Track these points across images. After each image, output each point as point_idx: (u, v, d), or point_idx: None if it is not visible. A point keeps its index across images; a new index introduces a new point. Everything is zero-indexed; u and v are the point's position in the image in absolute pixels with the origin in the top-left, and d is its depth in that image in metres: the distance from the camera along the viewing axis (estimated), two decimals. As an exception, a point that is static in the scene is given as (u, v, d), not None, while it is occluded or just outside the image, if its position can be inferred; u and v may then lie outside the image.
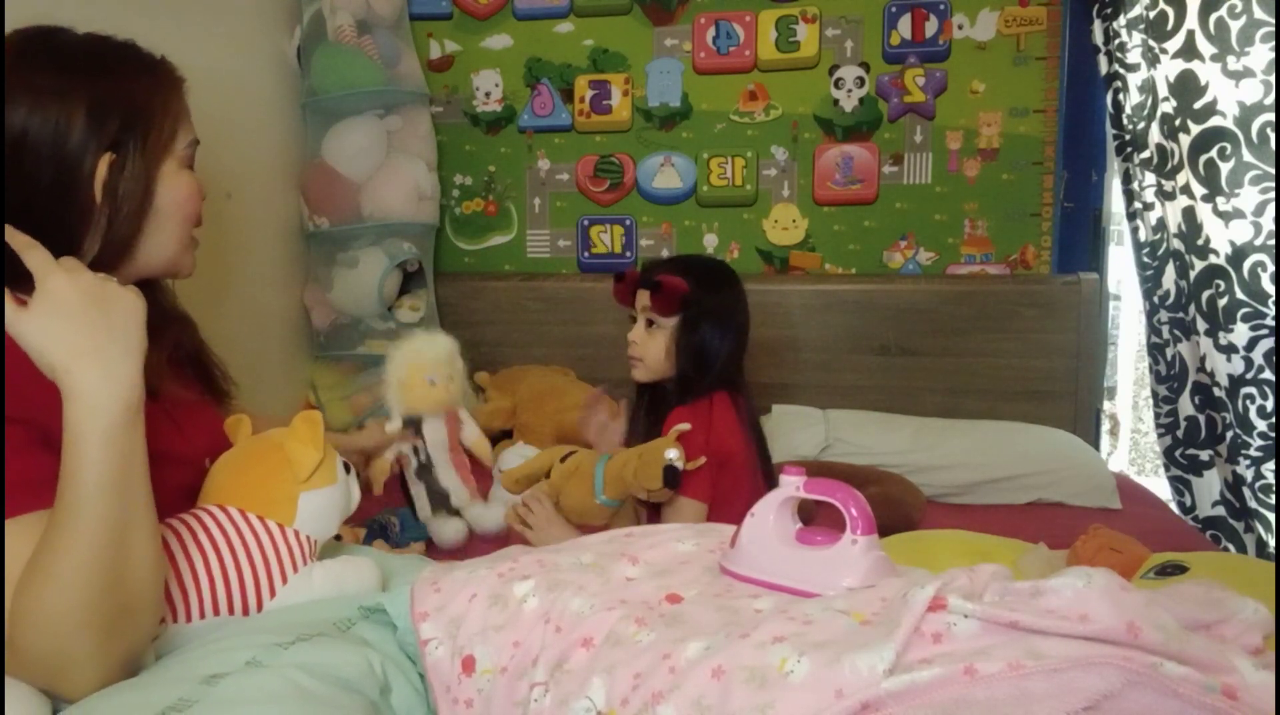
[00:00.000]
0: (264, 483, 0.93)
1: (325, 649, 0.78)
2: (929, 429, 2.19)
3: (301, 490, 0.93)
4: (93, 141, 0.84)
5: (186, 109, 0.94)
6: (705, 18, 2.49)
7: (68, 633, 0.70)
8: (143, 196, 0.88)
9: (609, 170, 2.59)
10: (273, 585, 0.89)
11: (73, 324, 0.72)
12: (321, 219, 2.38)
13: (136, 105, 0.88)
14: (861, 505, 0.81)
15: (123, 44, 0.92)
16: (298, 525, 0.92)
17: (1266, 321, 1.73)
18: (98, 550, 0.70)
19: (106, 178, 0.85)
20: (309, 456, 0.94)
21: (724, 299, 1.50)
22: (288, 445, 0.94)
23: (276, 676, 0.72)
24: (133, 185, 0.87)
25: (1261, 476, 1.79)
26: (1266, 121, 1.67)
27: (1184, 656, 0.59)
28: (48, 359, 0.72)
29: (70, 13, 0.92)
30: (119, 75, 0.88)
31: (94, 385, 0.71)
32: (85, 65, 0.87)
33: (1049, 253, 2.42)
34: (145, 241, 0.90)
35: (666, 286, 1.42)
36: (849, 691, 0.60)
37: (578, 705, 0.70)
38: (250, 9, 2.27)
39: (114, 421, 0.72)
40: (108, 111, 0.85)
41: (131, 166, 0.87)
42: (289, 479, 0.93)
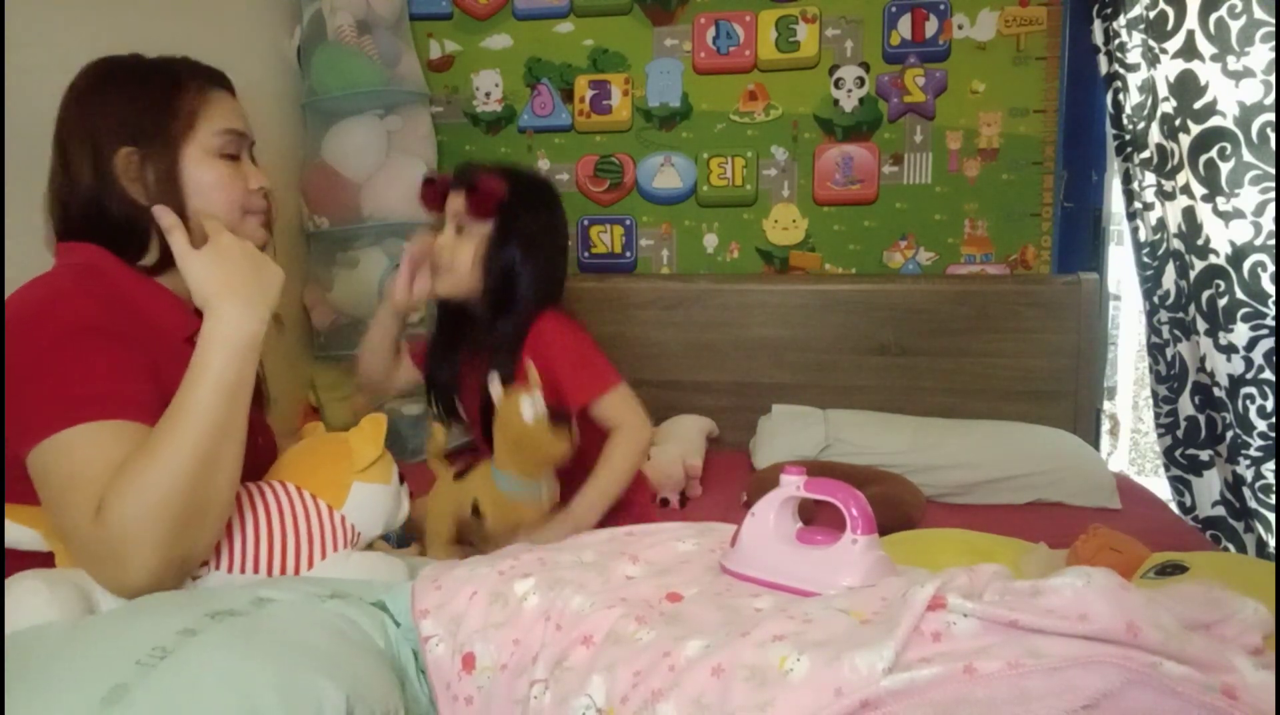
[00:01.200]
0: (324, 467, 1.02)
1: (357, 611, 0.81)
2: (929, 429, 2.19)
3: (356, 479, 1.01)
4: (115, 139, 0.96)
5: (222, 105, 1.03)
6: (705, 18, 2.49)
7: (148, 514, 0.81)
8: (168, 183, 0.97)
9: (609, 170, 2.59)
10: (311, 558, 0.96)
11: (229, 268, 0.94)
12: (321, 219, 2.38)
13: (151, 103, 0.98)
14: (861, 505, 0.81)
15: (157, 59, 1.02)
16: (346, 510, 1.00)
17: (1266, 321, 1.73)
18: (199, 444, 0.85)
19: (130, 169, 0.96)
20: (369, 450, 1.02)
21: (540, 218, 1.38)
22: (351, 438, 1.04)
23: (322, 613, 0.76)
24: (155, 174, 0.97)
25: (1261, 476, 1.79)
26: (1266, 121, 1.67)
27: (1184, 656, 0.59)
28: (205, 288, 0.93)
29: (71, 12, 0.92)
30: (140, 83, 1.00)
31: (233, 314, 0.92)
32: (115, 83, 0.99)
33: (1049, 253, 2.42)
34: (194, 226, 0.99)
35: (482, 187, 1.31)
36: (848, 690, 0.60)
37: (577, 703, 0.70)
38: (250, 9, 2.27)
39: (240, 344, 0.91)
40: (129, 114, 0.97)
41: (153, 156, 0.97)
42: (346, 467, 1.01)
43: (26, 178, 1.11)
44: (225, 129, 1.03)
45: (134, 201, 0.97)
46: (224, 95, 1.05)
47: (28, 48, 1.46)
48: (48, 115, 1.00)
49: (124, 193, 0.97)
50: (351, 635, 0.75)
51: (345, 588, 0.87)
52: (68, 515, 0.83)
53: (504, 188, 1.33)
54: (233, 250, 0.96)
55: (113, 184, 0.96)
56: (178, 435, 0.85)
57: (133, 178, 0.97)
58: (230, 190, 1.03)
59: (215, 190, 1.01)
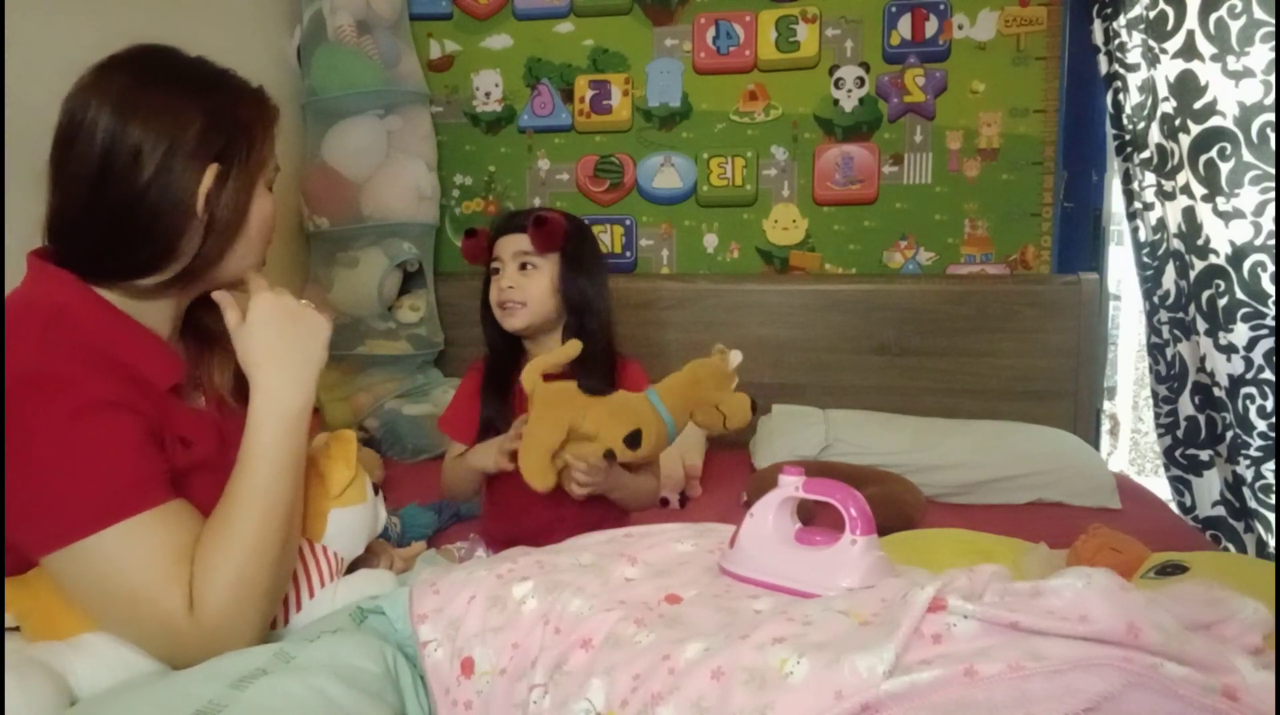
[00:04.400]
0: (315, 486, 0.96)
1: (349, 644, 0.79)
2: (929, 429, 2.19)
3: (332, 506, 0.96)
4: (202, 153, 0.90)
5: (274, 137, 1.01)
6: (705, 18, 2.49)
7: (247, 600, 0.81)
8: (241, 209, 0.94)
9: (609, 170, 2.59)
10: (299, 600, 0.92)
11: (270, 333, 0.92)
12: (321, 219, 2.38)
13: (242, 125, 0.94)
14: (861, 505, 0.81)
15: (227, 70, 0.99)
16: (326, 541, 0.95)
17: (1266, 321, 1.73)
18: (269, 523, 0.84)
19: (210, 188, 0.90)
20: (341, 474, 0.97)
21: (592, 244, 1.49)
22: (320, 462, 0.98)
23: (304, 685, 0.73)
24: (233, 199, 0.92)
25: (1261, 476, 1.79)
26: (1266, 121, 1.67)
27: (1184, 657, 0.59)
28: (249, 358, 0.91)
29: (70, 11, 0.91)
30: (230, 95, 0.95)
31: (280, 386, 0.90)
32: (199, 84, 0.93)
33: (1049, 253, 2.42)
34: (233, 254, 0.95)
35: (549, 220, 1.39)
36: (849, 693, 0.60)
37: (577, 707, 0.70)
38: (250, 9, 2.27)
39: (290, 417, 0.89)
40: (218, 128, 0.91)
41: (234, 181, 0.92)
42: (321, 495, 0.96)
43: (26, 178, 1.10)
44: (277, 164, 1.02)
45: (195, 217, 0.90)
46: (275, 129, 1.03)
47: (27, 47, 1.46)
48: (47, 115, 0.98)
49: (191, 206, 0.89)
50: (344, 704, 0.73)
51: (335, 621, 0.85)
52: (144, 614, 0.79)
53: (563, 218, 1.42)
54: (275, 311, 0.94)
55: (184, 193, 0.88)
56: (253, 518, 0.83)
57: (210, 196, 0.91)
58: (273, 224, 1.01)
59: (265, 225, 0.99)
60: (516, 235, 1.42)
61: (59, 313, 0.85)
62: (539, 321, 1.42)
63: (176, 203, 0.88)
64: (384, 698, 0.76)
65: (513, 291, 1.41)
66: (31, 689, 0.73)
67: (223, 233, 0.93)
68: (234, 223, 0.93)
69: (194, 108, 0.90)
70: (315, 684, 0.73)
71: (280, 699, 0.71)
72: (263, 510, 0.84)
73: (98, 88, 0.88)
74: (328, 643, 0.78)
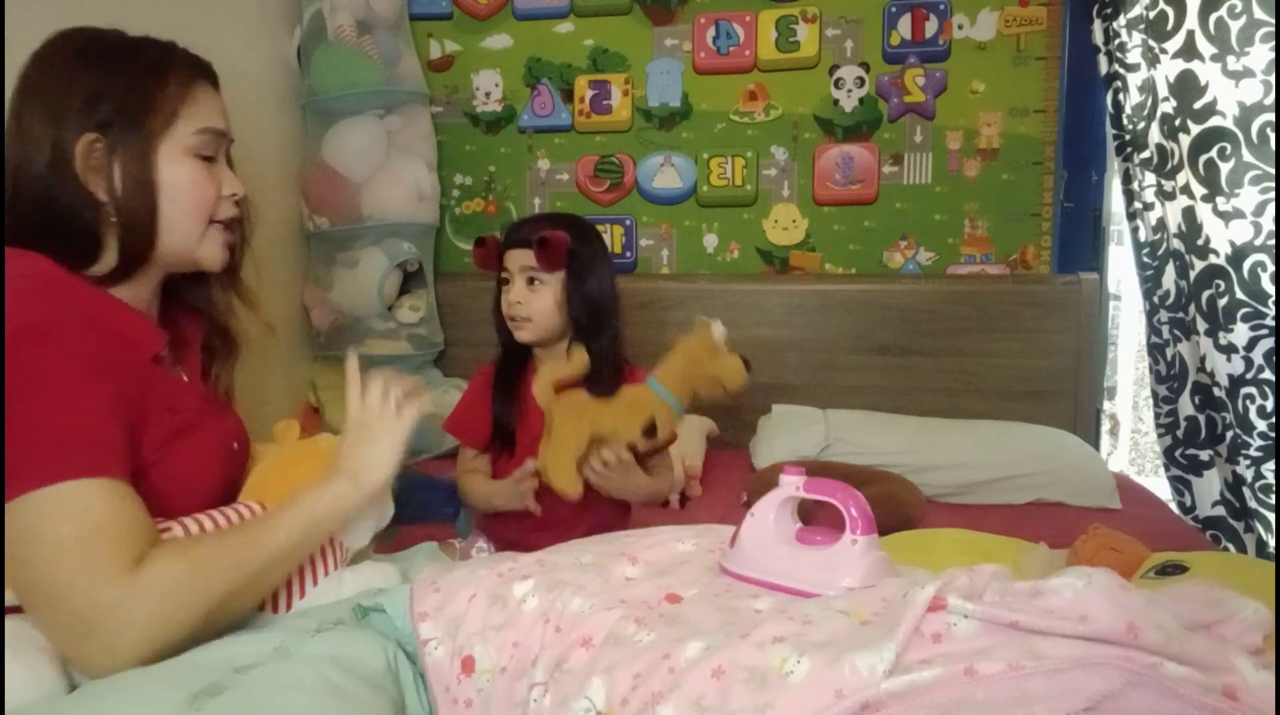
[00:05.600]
0: (301, 482, 0.95)
1: (350, 638, 0.80)
2: (929, 429, 2.19)
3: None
4: (81, 123, 0.85)
5: (206, 100, 0.94)
6: (705, 18, 2.49)
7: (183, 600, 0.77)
8: (140, 179, 0.88)
9: (609, 170, 2.59)
10: (303, 586, 0.91)
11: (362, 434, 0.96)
12: (321, 219, 2.38)
13: (130, 89, 0.88)
14: (861, 505, 0.81)
15: (141, 39, 0.93)
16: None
17: (1266, 321, 1.73)
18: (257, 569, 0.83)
19: (92, 159, 0.86)
20: None
21: (597, 247, 1.50)
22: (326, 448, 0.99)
23: (307, 669, 0.73)
24: (126, 167, 0.87)
25: (1261, 476, 1.79)
26: (1266, 121, 1.67)
27: (1184, 657, 0.59)
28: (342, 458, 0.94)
29: (69, 12, 0.91)
30: (120, 64, 0.89)
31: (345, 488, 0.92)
32: (94, 56, 0.89)
33: (1049, 253, 2.42)
34: (163, 229, 0.91)
35: (552, 241, 1.39)
36: (849, 692, 0.60)
37: (577, 705, 0.70)
38: (250, 9, 2.27)
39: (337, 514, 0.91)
40: (100, 97, 0.86)
41: (123, 148, 0.87)
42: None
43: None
44: (206, 127, 0.93)
45: (91, 196, 0.86)
46: (209, 89, 0.96)
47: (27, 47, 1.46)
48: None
49: (81, 185, 0.85)
50: (346, 688, 0.73)
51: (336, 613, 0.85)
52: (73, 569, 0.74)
53: (568, 238, 1.42)
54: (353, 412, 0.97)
55: (69, 173, 0.85)
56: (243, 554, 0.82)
57: (95, 169, 0.86)
58: (202, 195, 0.93)
59: (186, 194, 0.91)
60: (524, 250, 1.43)
61: (55, 279, 0.85)
62: (546, 335, 1.45)
63: (71, 187, 0.85)
64: (385, 689, 0.76)
65: (520, 307, 1.43)
66: (33, 670, 0.73)
67: (135, 205, 0.88)
68: (138, 194, 0.88)
69: (79, 81, 0.86)
70: (318, 669, 0.73)
71: (283, 680, 0.72)
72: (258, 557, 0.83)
73: (18, 83, 0.88)
74: (328, 637, 0.79)
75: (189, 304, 1.04)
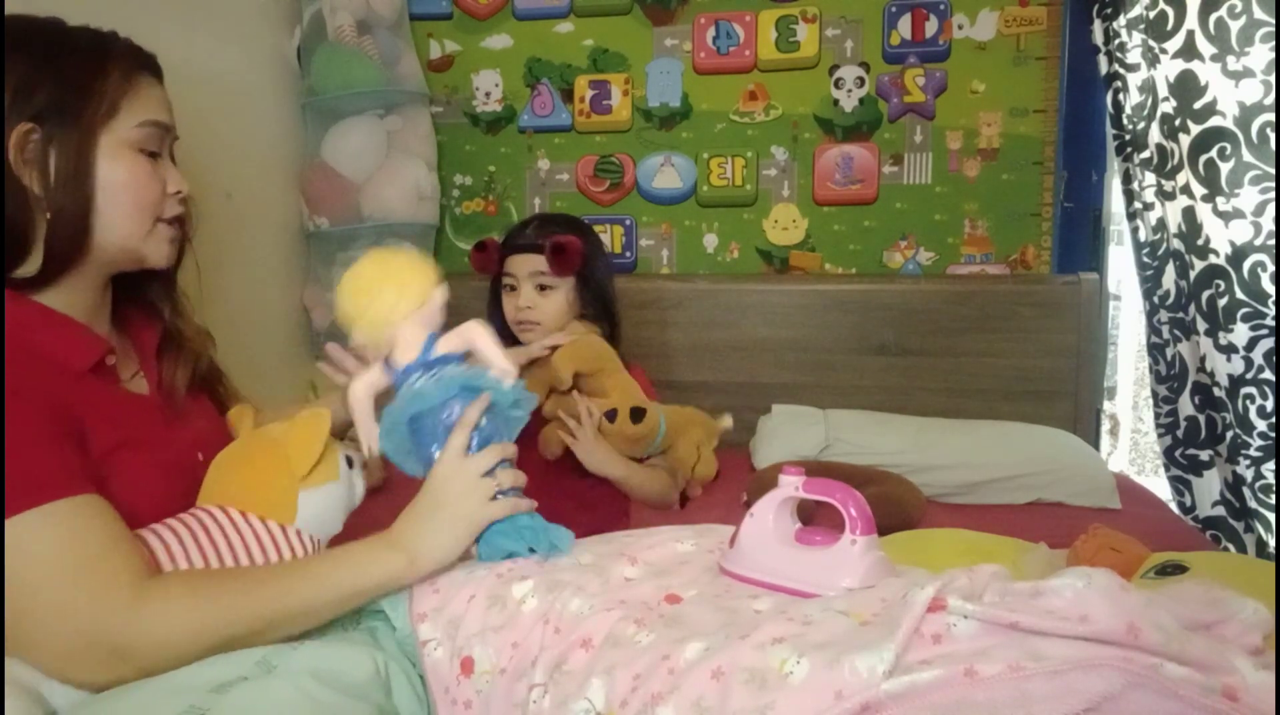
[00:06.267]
0: (261, 481, 0.91)
1: (334, 649, 0.78)
2: (929, 429, 2.19)
3: (301, 487, 0.91)
4: (14, 112, 0.81)
5: (149, 93, 0.90)
6: (705, 18, 2.49)
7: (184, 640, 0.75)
8: (76, 173, 0.83)
9: (609, 170, 2.59)
10: None
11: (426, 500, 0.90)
12: (321, 219, 2.38)
13: (67, 79, 0.84)
14: (861, 505, 0.81)
15: (80, 28, 0.89)
16: (299, 525, 0.90)
17: (1266, 321, 1.73)
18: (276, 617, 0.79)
19: (27, 150, 0.82)
20: (308, 453, 0.91)
21: (597, 245, 1.51)
22: (287, 441, 0.92)
23: (288, 685, 0.71)
24: (63, 159, 0.83)
25: (1261, 476, 1.79)
26: (1266, 121, 1.67)
27: (1184, 657, 0.59)
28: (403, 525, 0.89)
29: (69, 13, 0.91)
30: (58, 53, 0.85)
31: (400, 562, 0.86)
32: (24, 46, 0.84)
33: (1049, 253, 2.42)
34: (100, 227, 0.86)
35: (568, 247, 1.39)
36: (849, 693, 0.60)
37: (577, 706, 0.70)
38: (250, 9, 2.27)
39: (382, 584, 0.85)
40: (35, 86, 0.82)
41: (61, 140, 0.83)
42: (286, 477, 0.91)
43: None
44: (149, 120, 0.88)
45: (24, 190, 0.81)
46: (152, 82, 0.91)
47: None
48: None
49: (13, 178, 0.81)
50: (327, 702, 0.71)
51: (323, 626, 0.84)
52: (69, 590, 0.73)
53: (581, 242, 1.42)
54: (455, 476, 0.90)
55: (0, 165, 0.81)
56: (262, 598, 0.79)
57: (29, 161, 0.82)
58: (145, 192, 0.88)
59: (127, 190, 0.86)
60: (531, 256, 1.42)
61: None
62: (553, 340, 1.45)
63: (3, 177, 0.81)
64: (370, 699, 0.75)
65: (530, 312, 1.42)
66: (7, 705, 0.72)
67: (64, 203, 0.83)
68: (73, 189, 0.83)
69: (12, 68, 0.81)
70: (298, 685, 0.71)
71: (264, 701, 0.70)
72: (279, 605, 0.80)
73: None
74: (311, 649, 0.77)
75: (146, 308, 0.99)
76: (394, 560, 0.86)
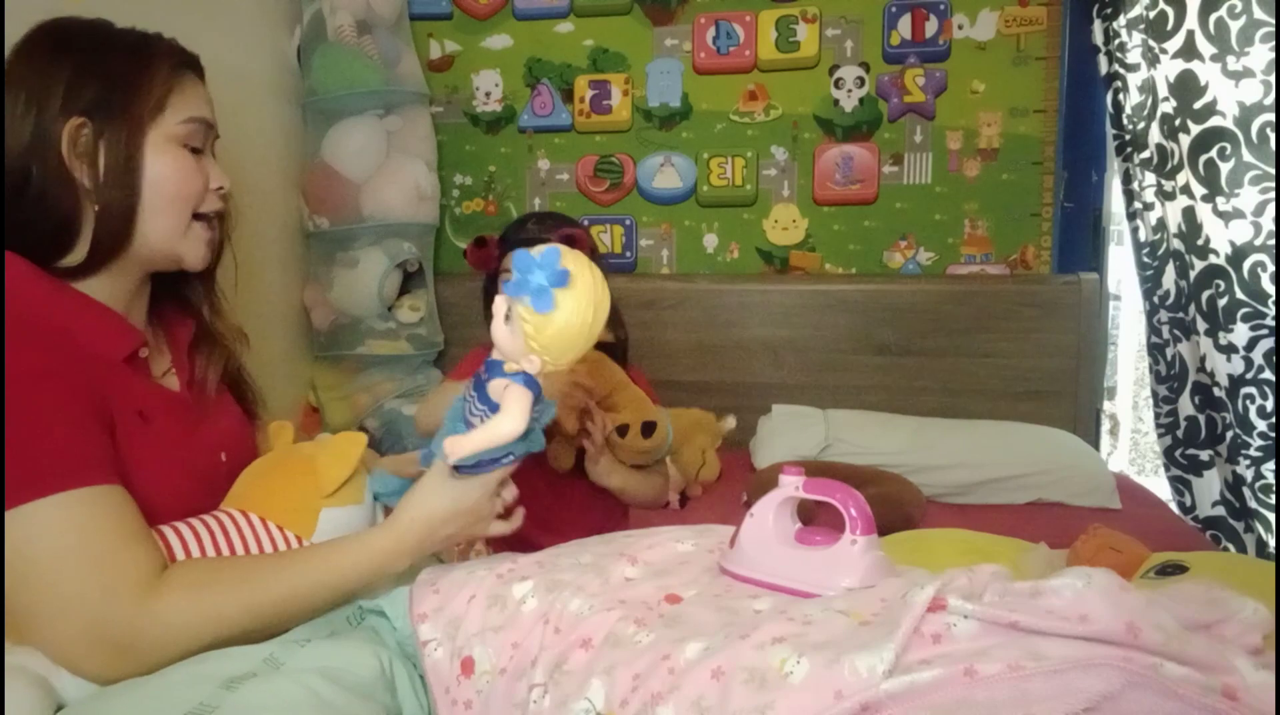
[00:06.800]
0: (287, 491, 0.92)
1: (341, 648, 0.78)
2: (929, 429, 2.19)
3: (324, 505, 0.91)
4: (67, 106, 0.83)
5: (193, 91, 0.93)
6: (705, 18, 2.49)
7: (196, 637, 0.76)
8: (126, 166, 0.86)
9: (609, 170, 2.59)
10: None
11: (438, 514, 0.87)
12: (321, 219, 2.38)
13: (116, 74, 0.86)
14: (861, 505, 0.81)
15: (126, 29, 0.92)
16: (315, 539, 0.91)
17: (1266, 321, 1.73)
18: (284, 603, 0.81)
19: (79, 144, 0.84)
20: (338, 471, 0.92)
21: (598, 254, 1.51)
22: (319, 458, 0.93)
23: (295, 684, 0.72)
24: (113, 153, 0.85)
25: (1261, 476, 1.79)
26: (1266, 121, 1.67)
27: (1184, 657, 0.59)
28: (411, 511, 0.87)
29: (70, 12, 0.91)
30: (105, 50, 0.88)
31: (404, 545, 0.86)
32: (78, 42, 0.87)
33: (1049, 253, 2.42)
34: (143, 221, 0.88)
35: (579, 239, 1.38)
36: (848, 693, 0.60)
37: (577, 706, 0.70)
38: (250, 9, 2.27)
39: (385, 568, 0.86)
40: (85, 83, 0.85)
41: (110, 134, 0.85)
42: (312, 491, 0.92)
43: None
44: (193, 117, 0.91)
45: (73, 181, 0.84)
46: (195, 80, 0.94)
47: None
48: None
49: (64, 170, 0.83)
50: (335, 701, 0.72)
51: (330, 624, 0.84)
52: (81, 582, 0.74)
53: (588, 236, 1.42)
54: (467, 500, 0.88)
55: (52, 156, 0.83)
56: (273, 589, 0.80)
57: (80, 154, 0.84)
58: (189, 185, 0.91)
59: (172, 183, 0.88)
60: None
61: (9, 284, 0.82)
62: None
63: (51, 170, 0.83)
64: (376, 698, 0.76)
65: None
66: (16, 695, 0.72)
67: (112, 195, 0.85)
68: (122, 182, 0.86)
69: (63, 65, 0.84)
70: (306, 684, 0.72)
71: (272, 699, 0.70)
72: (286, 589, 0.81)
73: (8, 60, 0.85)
74: (318, 647, 0.77)
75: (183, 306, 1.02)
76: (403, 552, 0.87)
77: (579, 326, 0.77)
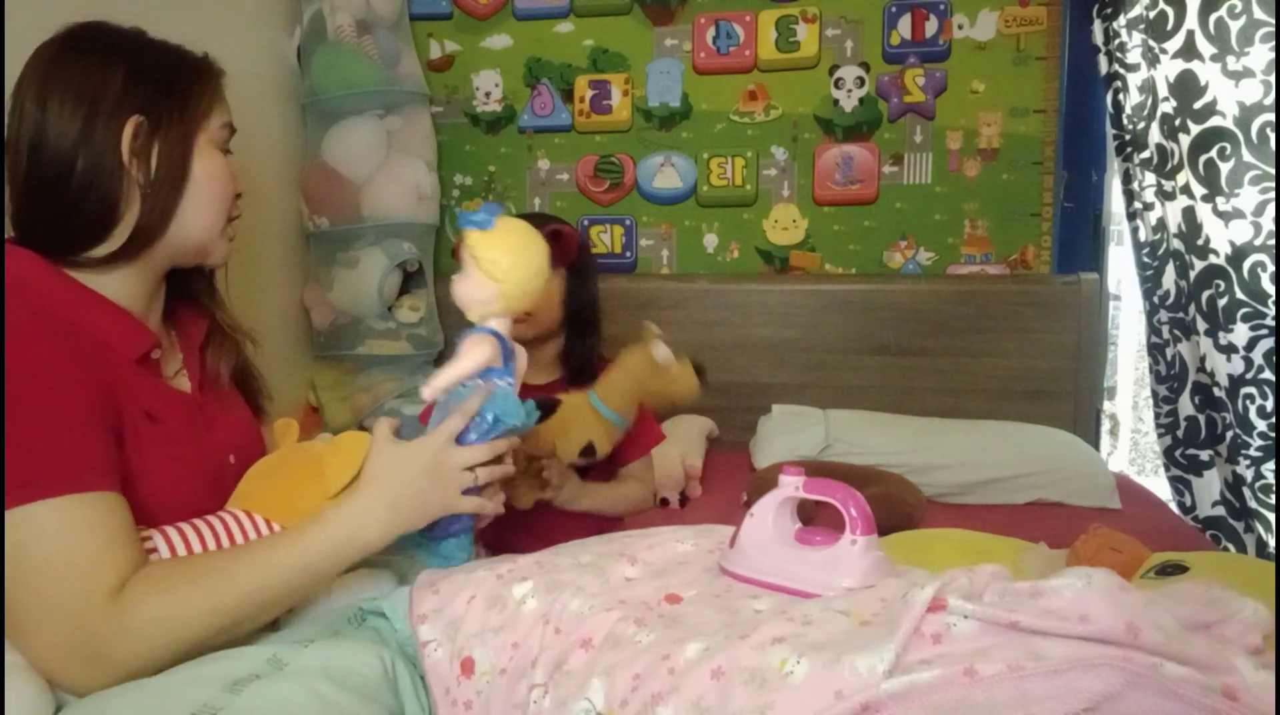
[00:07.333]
0: (292, 491, 0.92)
1: (344, 648, 0.78)
2: (929, 429, 2.19)
3: (329, 505, 0.91)
4: (124, 107, 0.87)
5: (223, 95, 0.98)
6: (705, 18, 2.49)
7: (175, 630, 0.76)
8: (179, 163, 0.90)
9: (609, 170, 2.59)
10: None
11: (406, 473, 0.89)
12: (321, 219, 2.38)
13: (172, 78, 0.91)
14: (861, 505, 0.81)
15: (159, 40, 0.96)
16: None
17: (1266, 321, 1.73)
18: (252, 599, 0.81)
19: (136, 140, 0.87)
20: (344, 471, 0.92)
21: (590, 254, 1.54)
22: (325, 458, 0.94)
23: (300, 687, 0.72)
24: (167, 151, 0.89)
25: (1261, 476, 1.79)
26: (1266, 121, 1.67)
27: (1184, 657, 0.59)
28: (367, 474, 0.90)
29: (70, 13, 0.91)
30: (156, 55, 0.93)
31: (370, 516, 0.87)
32: (124, 47, 0.91)
33: (1049, 253, 2.42)
34: (183, 215, 0.91)
35: (567, 235, 1.41)
36: (849, 693, 0.60)
37: (577, 707, 0.70)
38: (250, 9, 2.27)
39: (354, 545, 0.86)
40: (142, 82, 0.89)
41: (166, 132, 0.89)
42: (318, 491, 0.92)
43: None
44: (228, 122, 0.97)
45: (128, 177, 0.87)
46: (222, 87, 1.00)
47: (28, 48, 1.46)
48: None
49: (119, 163, 0.86)
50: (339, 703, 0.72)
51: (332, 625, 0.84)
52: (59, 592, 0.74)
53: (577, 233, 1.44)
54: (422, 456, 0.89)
55: (108, 151, 0.86)
56: (240, 581, 0.80)
57: (136, 151, 0.87)
58: (227, 188, 0.96)
59: (214, 183, 0.93)
60: None
61: (19, 283, 0.83)
62: (543, 331, 1.44)
63: (105, 163, 0.86)
64: (380, 699, 0.76)
65: None
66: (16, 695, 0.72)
67: (162, 189, 0.89)
68: (173, 178, 0.90)
69: (116, 67, 0.88)
70: (310, 686, 0.72)
71: (276, 701, 0.70)
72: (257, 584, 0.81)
73: (27, 73, 0.88)
74: (321, 647, 0.77)
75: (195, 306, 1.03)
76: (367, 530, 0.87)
77: (518, 238, 0.98)
